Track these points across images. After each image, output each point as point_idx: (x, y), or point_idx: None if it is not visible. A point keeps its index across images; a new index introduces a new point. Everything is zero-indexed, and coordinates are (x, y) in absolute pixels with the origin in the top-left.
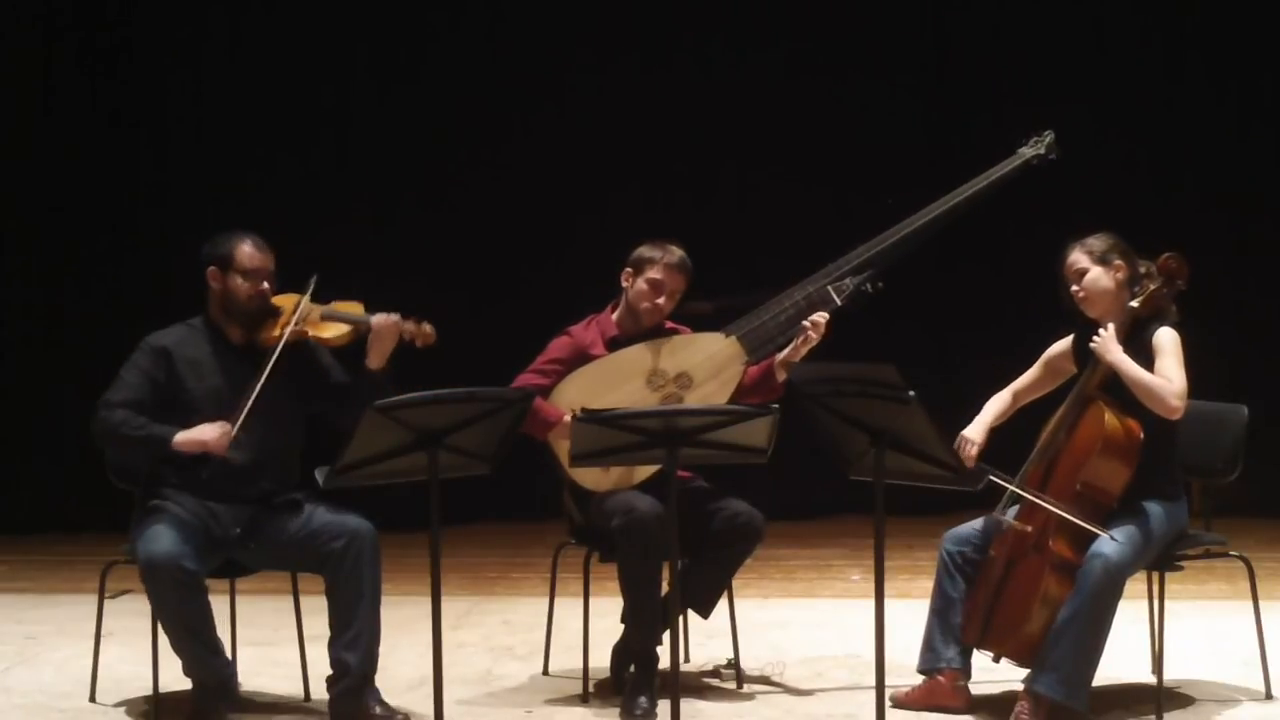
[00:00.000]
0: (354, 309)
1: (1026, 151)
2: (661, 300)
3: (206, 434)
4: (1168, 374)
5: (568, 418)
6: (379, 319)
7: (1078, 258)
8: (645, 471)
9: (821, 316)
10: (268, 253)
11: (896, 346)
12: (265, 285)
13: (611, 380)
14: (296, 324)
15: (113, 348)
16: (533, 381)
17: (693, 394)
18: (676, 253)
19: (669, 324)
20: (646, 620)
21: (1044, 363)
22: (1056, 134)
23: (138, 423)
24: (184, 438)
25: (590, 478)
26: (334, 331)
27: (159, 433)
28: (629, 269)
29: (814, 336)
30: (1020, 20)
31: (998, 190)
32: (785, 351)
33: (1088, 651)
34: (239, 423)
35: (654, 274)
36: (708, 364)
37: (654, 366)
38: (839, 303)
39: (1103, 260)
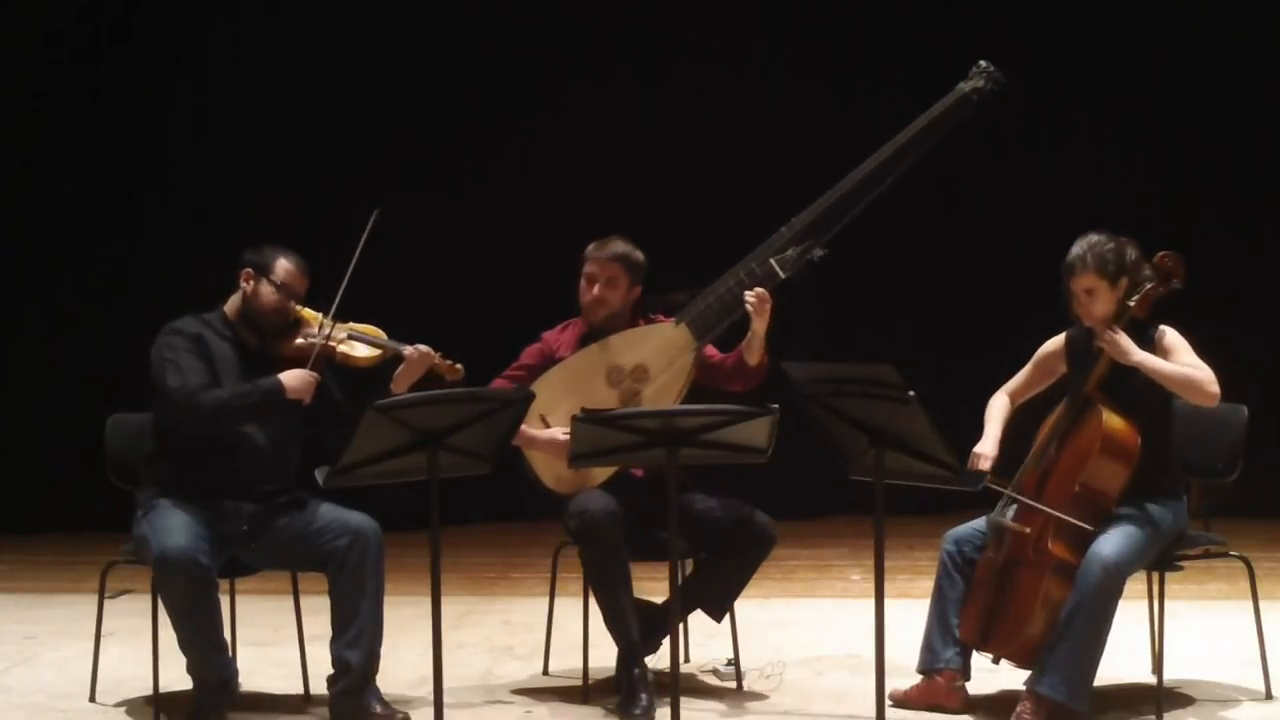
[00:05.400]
0: (376, 333)
1: (964, 86)
2: (597, 290)
3: (305, 389)
4: (1193, 365)
5: (527, 429)
6: (413, 350)
7: (1091, 280)
8: (604, 473)
9: (761, 290)
10: (304, 277)
11: (896, 347)
12: (291, 302)
13: (573, 382)
14: (328, 338)
15: (113, 348)
16: (504, 386)
17: (650, 386)
18: (608, 244)
19: (643, 319)
20: (616, 616)
21: (1036, 362)
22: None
23: (243, 389)
24: (291, 382)
25: (550, 477)
26: (364, 352)
27: (267, 386)
28: (579, 274)
29: (759, 311)
30: (1020, 20)
31: (941, 134)
32: (747, 336)
33: (1088, 652)
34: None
35: (585, 269)
36: (660, 354)
37: (612, 363)
38: (783, 275)
39: (1114, 280)
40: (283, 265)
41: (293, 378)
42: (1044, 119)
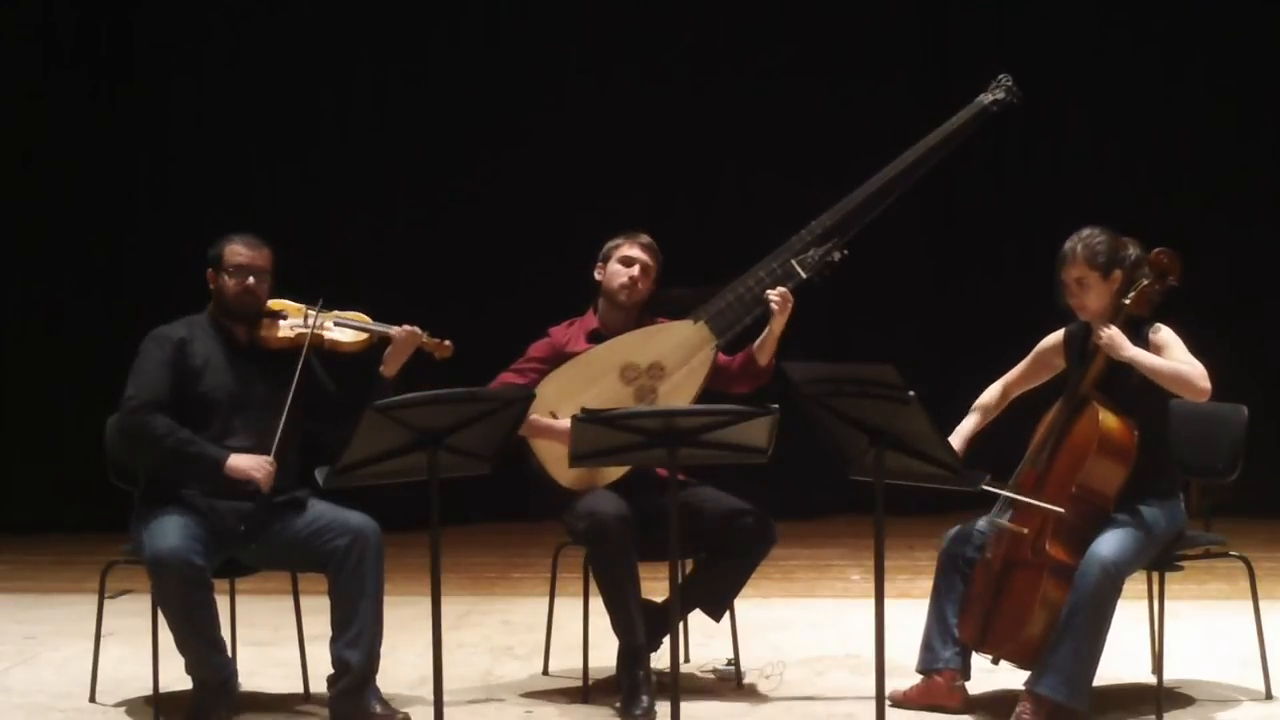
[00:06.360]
0: (362, 318)
1: (985, 98)
2: (635, 273)
3: (253, 468)
4: (1185, 361)
5: (541, 419)
6: (399, 330)
7: (1081, 270)
8: (615, 471)
9: (784, 289)
10: (257, 249)
11: (896, 347)
12: (251, 281)
13: (587, 377)
14: (313, 329)
15: (113, 348)
16: (511, 380)
17: (665, 383)
18: (641, 234)
19: (649, 319)
20: (623, 617)
21: (1034, 357)
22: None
23: (185, 436)
24: (235, 465)
25: (562, 474)
26: (350, 337)
27: (211, 454)
28: (600, 262)
29: (781, 310)
30: (1021, 20)
31: (957, 143)
32: (762, 335)
33: (1088, 652)
34: (274, 449)
35: (623, 251)
36: (678, 351)
37: (627, 360)
38: (804, 276)
39: (1105, 272)
40: (230, 250)
41: (246, 461)
42: (1044, 119)
